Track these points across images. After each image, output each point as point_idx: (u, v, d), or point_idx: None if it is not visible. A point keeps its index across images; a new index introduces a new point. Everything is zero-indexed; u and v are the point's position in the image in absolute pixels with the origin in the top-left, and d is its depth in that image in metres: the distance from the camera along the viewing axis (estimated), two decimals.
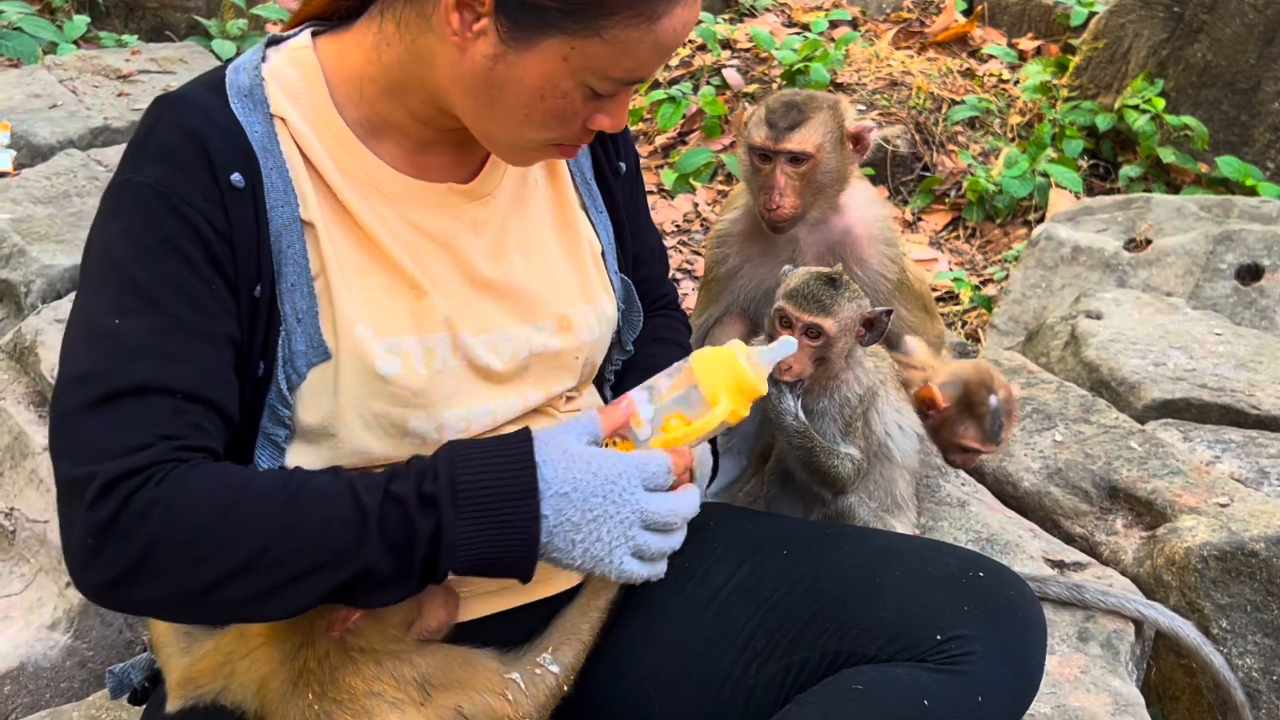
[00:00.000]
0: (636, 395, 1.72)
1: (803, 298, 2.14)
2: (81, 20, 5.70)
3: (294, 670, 1.65)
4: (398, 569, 1.54)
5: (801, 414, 2.20)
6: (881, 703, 1.71)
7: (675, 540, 1.67)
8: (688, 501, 1.65)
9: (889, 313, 2.22)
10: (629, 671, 1.90)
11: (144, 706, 1.91)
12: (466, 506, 1.54)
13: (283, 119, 1.71)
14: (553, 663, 1.78)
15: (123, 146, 4.33)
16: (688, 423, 1.68)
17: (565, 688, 1.78)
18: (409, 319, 1.74)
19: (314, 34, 1.79)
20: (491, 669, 1.72)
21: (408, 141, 1.79)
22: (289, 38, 1.80)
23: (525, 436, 1.61)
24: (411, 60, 1.70)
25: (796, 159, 2.50)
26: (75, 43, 5.62)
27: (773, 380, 2.10)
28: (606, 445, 1.68)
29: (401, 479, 1.55)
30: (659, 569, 1.68)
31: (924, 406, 2.48)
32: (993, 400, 2.43)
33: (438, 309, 1.75)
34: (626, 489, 1.60)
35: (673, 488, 1.66)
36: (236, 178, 1.64)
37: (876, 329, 2.22)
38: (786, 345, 1.77)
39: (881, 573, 1.87)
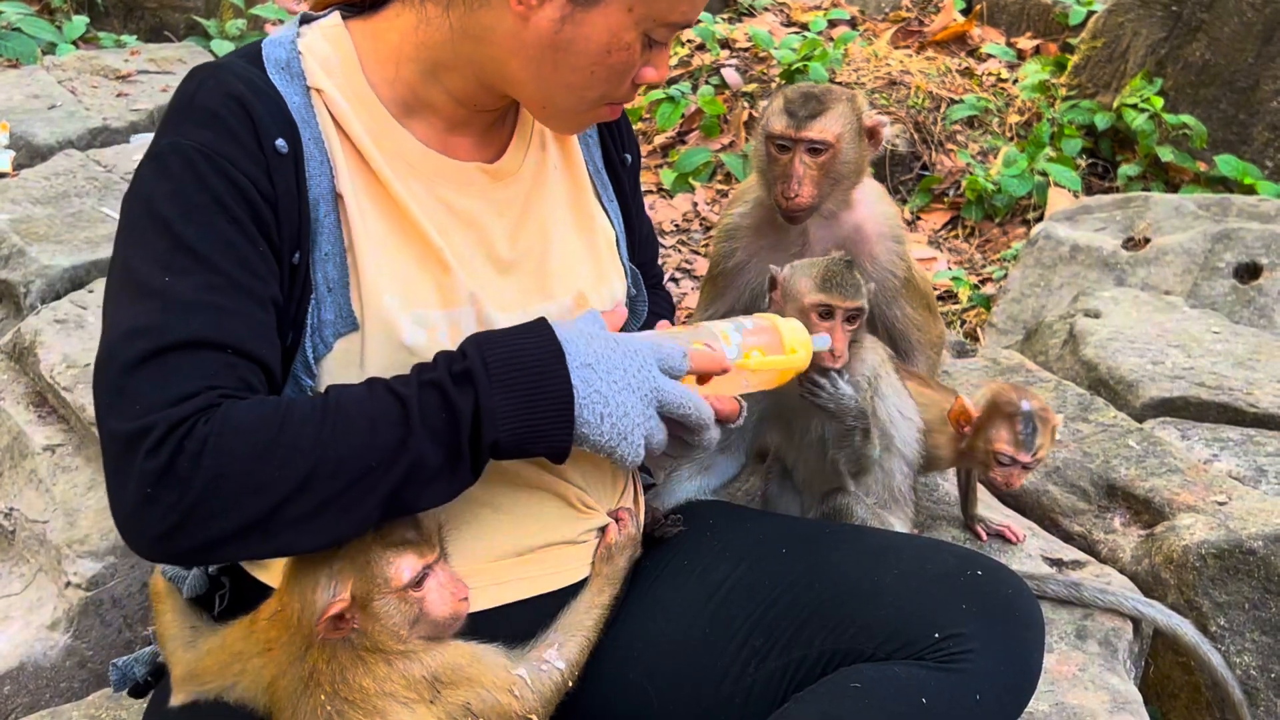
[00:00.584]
0: (722, 323, 1.84)
1: (838, 286, 2.14)
2: (80, 21, 5.71)
3: (304, 670, 1.65)
4: (447, 456, 1.58)
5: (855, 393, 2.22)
6: (880, 700, 1.72)
7: (704, 437, 1.72)
8: (699, 401, 1.69)
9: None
10: (629, 668, 1.91)
11: (146, 701, 1.92)
12: (500, 377, 1.58)
13: (319, 90, 1.75)
14: (558, 659, 1.78)
15: (122, 146, 4.38)
16: (765, 354, 1.83)
17: (570, 684, 1.79)
18: (436, 292, 1.77)
19: (344, 16, 1.82)
20: (499, 665, 1.72)
21: (439, 121, 1.82)
22: (320, 17, 1.84)
23: (543, 320, 1.66)
24: (460, 38, 1.74)
25: (816, 148, 2.50)
26: (74, 43, 5.63)
27: (821, 370, 2.12)
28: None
29: (430, 368, 1.61)
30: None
31: (958, 423, 2.48)
32: (1024, 404, 2.43)
33: (463, 284, 1.78)
34: (645, 365, 1.65)
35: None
36: (280, 143, 1.67)
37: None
38: (823, 340, 1.97)
39: (879, 571, 1.87)
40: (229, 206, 1.62)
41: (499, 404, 1.57)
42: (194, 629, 1.81)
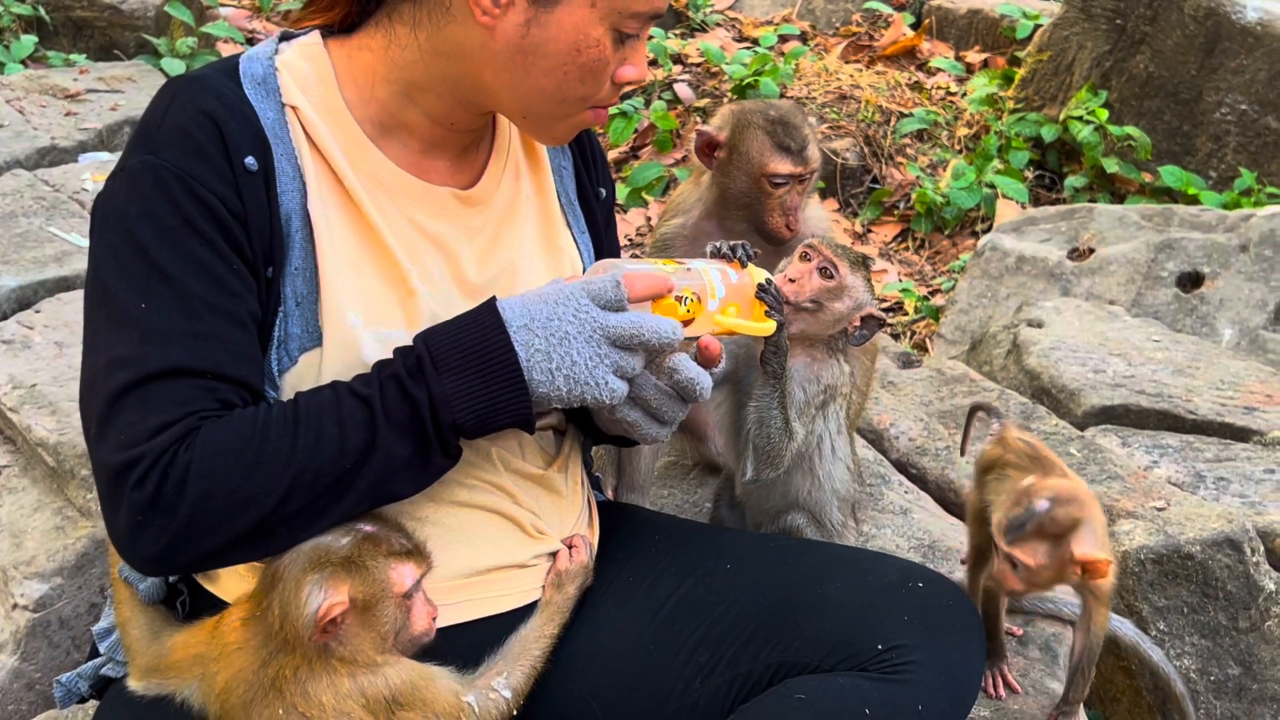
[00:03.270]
0: (715, 274, 1.87)
1: (834, 245, 2.19)
2: (29, 40, 5.66)
3: (264, 678, 1.65)
4: (416, 446, 1.64)
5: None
6: (824, 711, 1.74)
7: (684, 375, 1.74)
8: (653, 321, 1.69)
9: (882, 323, 2.24)
10: (575, 686, 1.91)
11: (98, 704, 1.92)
12: (446, 362, 1.64)
13: (294, 108, 1.76)
14: (505, 687, 1.80)
15: (70, 166, 4.36)
16: (739, 315, 1.89)
17: (514, 711, 1.80)
18: (400, 312, 1.78)
19: (323, 35, 1.84)
20: (451, 690, 1.73)
21: (415, 143, 1.84)
22: (300, 35, 1.85)
23: (491, 299, 1.70)
24: (430, 57, 1.76)
25: (809, 176, 2.57)
26: (22, 62, 5.58)
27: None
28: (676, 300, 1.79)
29: (388, 364, 1.66)
30: (664, 431, 1.79)
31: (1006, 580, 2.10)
32: (1038, 505, 2.02)
33: (426, 306, 1.79)
34: (580, 307, 1.66)
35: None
36: (250, 161, 1.69)
37: (866, 329, 2.21)
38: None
39: (823, 584, 1.89)
40: (201, 228, 1.65)
41: (450, 388, 1.63)
42: (157, 618, 1.82)
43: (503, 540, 1.88)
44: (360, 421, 1.62)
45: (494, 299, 1.69)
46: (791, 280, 2.12)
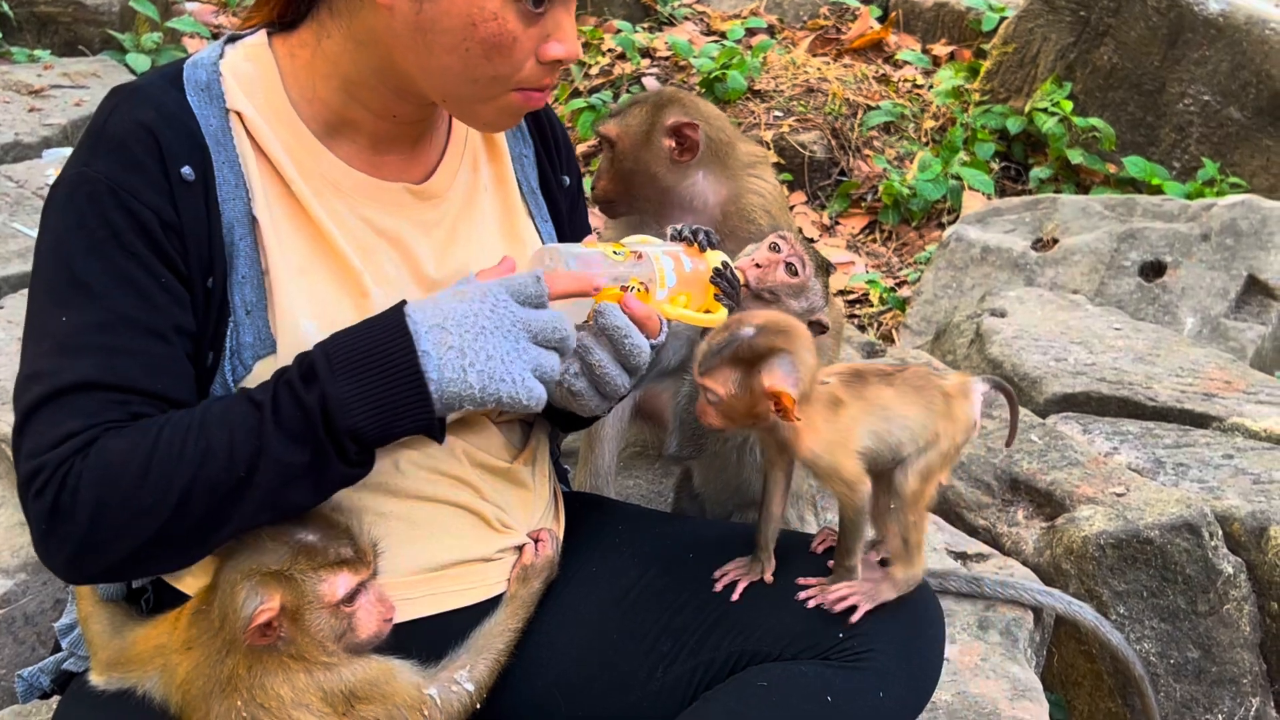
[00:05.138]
0: (667, 261, 1.86)
1: (804, 245, 2.18)
2: None
3: (222, 673, 1.65)
4: (311, 453, 1.58)
5: None
6: (785, 697, 1.76)
7: (627, 343, 1.75)
8: (565, 321, 1.67)
9: (825, 330, 2.23)
10: (537, 676, 1.92)
11: (56, 701, 1.92)
12: (341, 363, 1.58)
13: (238, 113, 1.74)
14: (468, 680, 1.80)
15: (34, 162, 4.35)
16: (688, 305, 1.87)
17: (477, 705, 1.80)
18: (354, 316, 1.75)
19: (269, 33, 1.82)
20: (412, 684, 1.73)
21: (363, 139, 1.82)
22: (246, 35, 1.83)
23: (399, 303, 1.64)
24: (355, 47, 1.74)
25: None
26: None
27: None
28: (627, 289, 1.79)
29: (286, 370, 1.62)
30: (604, 405, 1.81)
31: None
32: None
33: (380, 307, 1.75)
34: (499, 303, 1.61)
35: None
36: (187, 171, 1.67)
37: (813, 332, 2.21)
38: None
39: (785, 572, 1.91)
40: (128, 241, 1.64)
41: (345, 391, 1.57)
42: (118, 614, 1.81)
43: (466, 535, 1.87)
44: (250, 429, 1.57)
45: (403, 302, 1.64)
46: (758, 266, 2.12)
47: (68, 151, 4.52)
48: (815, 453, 1.84)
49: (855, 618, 1.83)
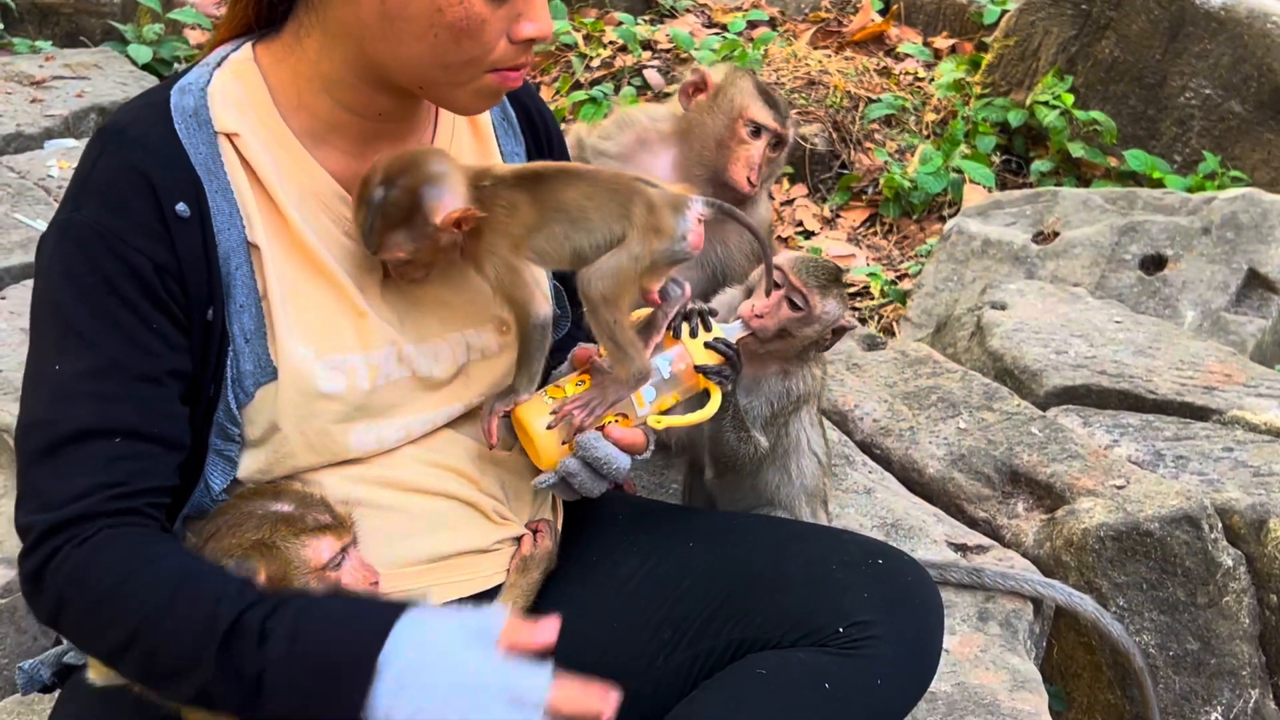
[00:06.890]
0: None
1: (808, 270, 2.15)
2: None
3: None
4: (243, 696, 1.52)
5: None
6: (784, 685, 1.77)
7: (595, 455, 1.80)
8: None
9: (851, 329, 2.26)
10: None
11: (58, 694, 1.92)
12: (298, 658, 1.50)
13: (228, 136, 1.72)
14: None
15: (36, 153, 4.35)
16: (676, 400, 1.90)
17: None
18: (354, 336, 1.76)
19: (253, 45, 1.80)
20: None
21: (348, 145, 1.80)
22: (231, 54, 1.80)
23: (396, 609, 1.53)
24: (331, 42, 1.72)
25: (779, 144, 2.63)
26: None
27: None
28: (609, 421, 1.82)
29: (258, 607, 1.53)
30: (577, 496, 1.85)
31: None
32: None
33: (380, 328, 1.78)
34: (491, 703, 1.47)
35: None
36: (182, 208, 1.66)
37: (836, 338, 2.23)
38: (734, 330, 2.01)
39: (785, 561, 1.92)
40: (119, 287, 1.63)
41: (281, 688, 1.50)
42: None
43: (464, 526, 1.88)
44: (201, 631, 1.51)
45: (399, 613, 1.52)
46: (759, 316, 2.11)
47: (70, 143, 4.54)
48: (496, 268, 1.79)
49: (591, 420, 1.81)
